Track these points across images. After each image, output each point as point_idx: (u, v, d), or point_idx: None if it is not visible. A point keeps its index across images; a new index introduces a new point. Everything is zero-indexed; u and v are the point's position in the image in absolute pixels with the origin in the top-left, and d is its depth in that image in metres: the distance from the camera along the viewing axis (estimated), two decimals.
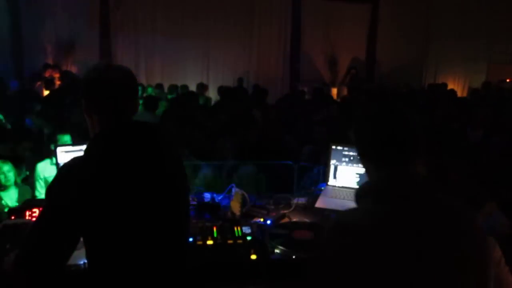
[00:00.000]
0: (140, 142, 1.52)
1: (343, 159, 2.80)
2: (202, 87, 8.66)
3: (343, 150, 2.80)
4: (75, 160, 1.49)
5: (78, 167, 1.45)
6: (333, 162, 2.82)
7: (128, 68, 1.60)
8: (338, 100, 8.98)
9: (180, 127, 4.68)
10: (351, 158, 2.78)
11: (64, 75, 9.00)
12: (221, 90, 8.37)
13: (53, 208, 1.42)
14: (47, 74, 9.00)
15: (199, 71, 10.19)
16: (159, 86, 8.81)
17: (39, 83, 8.85)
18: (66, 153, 2.44)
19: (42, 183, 3.57)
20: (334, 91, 10.39)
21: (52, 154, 3.27)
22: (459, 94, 9.87)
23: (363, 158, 1.30)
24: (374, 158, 1.25)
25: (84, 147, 2.40)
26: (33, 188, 3.64)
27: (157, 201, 1.52)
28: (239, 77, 9.78)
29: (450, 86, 9.85)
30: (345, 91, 9.95)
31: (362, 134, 1.27)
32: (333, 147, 2.83)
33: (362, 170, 2.74)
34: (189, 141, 4.41)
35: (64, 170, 1.46)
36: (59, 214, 1.40)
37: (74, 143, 2.49)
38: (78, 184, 1.40)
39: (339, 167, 2.80)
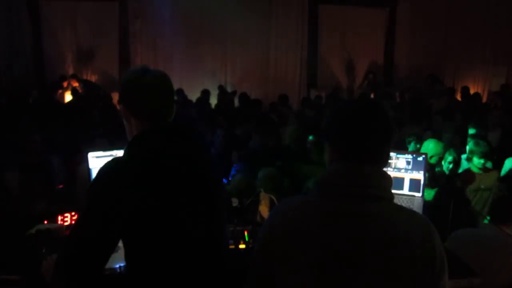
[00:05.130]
0: (179, 144, 1.53)
1: None
2: (223, 91, 8.65)
3: None
4: (114, 161, 1.49)
5: (119, 169, 1.45)
6: None
7: (164, 72, 1.61)
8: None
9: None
10: None
11: (84, 84, 9.14)
12: (241, 97, 8.39)
13: (94, 211, 1.42)
14: (65, 84, 9.14)
15: (217, 78, 10.25)
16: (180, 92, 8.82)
17: (60, 91, 9.00)
18: (98, 159, 2.46)
19: None
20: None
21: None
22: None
23: None
24: None
25: (114, 152, 2.48)
26: None
27: (197, 203, 1.52)
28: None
29: (469, 90, 9.69)
30: None
31: None
32: None
33: (392, 173, 2.71)
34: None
35: (104, 172, 1.46)
36: (99, 216, 1.40)
37: (105, 149, 2.50)
38: (119, 186, 1.40)
39: None
